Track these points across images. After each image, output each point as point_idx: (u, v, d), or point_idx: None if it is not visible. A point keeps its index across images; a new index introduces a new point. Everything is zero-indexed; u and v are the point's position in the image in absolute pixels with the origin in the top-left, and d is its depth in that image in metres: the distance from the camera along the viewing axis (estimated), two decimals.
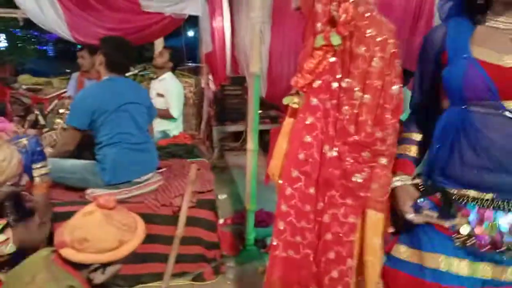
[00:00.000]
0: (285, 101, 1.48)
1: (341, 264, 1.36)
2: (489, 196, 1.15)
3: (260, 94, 4.64)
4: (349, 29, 1.32)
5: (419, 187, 1.29)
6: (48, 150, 2.66)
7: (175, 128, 3.79)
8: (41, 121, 3.07)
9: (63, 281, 1.24)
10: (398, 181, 1.34)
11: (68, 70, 6.48)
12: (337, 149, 1.35)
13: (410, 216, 1.26)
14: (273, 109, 5.49)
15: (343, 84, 1.33)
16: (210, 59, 5.47)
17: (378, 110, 1.30)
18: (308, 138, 1.38)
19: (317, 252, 1.40)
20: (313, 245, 1.40)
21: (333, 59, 1.36)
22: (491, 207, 1.15)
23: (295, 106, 1.45)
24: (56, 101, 5.93)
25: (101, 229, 1.25)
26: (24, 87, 5.98)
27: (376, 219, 1.36)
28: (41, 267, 1.26)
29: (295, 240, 1.41)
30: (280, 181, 1.51)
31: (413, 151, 1.37)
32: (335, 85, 1.35)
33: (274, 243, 1.44)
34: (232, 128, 5.21)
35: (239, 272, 2.68)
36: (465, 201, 1.18)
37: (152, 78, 5.12)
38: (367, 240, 1.37)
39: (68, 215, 2.28)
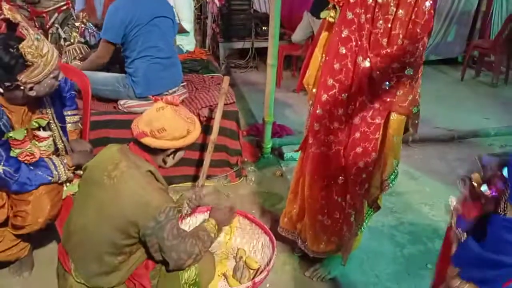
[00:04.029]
0: (322, 15, 1.63)
1: (367, 157, 1.63)
2: None
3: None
4: None
5: None
6: (76, 63, 2.80)
7: (188, 44, 3.85)
8: (62, 34, 3.12)
9: (142, 166, 1.48)
10: None
11: None
12: (369, 60, 1.53)
13: None
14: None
15: (379, 0, 1.47)
16: None
17: (410, 24, 1.45)
18: (343, 50, 1.56)
19: (346, 148, 1.66)
20: (343, 143, 1.66)
21: None
22: None
23: (331, 20, 1.60)
24: (56, 15, 5.81)
25: (174, 120, 1.47)
26: None
27: (398, 120, 1.61)
28: (120, 157, 1.48)
29: (329, 139, 1.66)
30: (314, 90, 1.71)
31: None
32: (370, 0, 1.49)
33: (310, 141, 1.69)
34: (239, 45, 5.23)
35: (259, 175, 3.01)
36: None
37: None
38: (389, 137, 1.63)
39: (104, 123, 2.54)
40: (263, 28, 5.16)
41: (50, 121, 1.85)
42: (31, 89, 1.61)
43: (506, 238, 0.83)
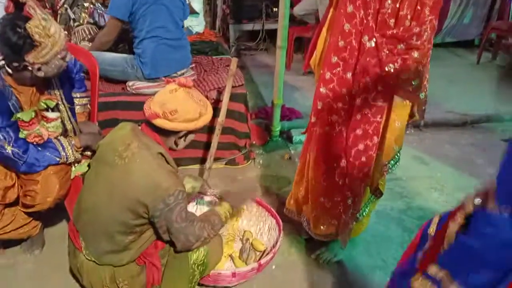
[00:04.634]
0: None
1: (367, 140, 1.59)
2: None
3: None
4: None
5: None
6: (84, 44, 2.80)
7: (197, 25, 3.83)
8: (71, 15, 3.12)
9: (153, 148, 1.49)
10: None
11: None
12: (375, 40, 1.48)
13: None
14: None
15: None
16: None
17: (418, 5, 1.40)
18: (348, 26, 1.51)
19: (348, 129, 1.63)
20: (347, 124, 1.63)
21: None
22: None
23: None
24: None
25: (186, 102, 1.47)
26: None
27: (400, 105, 1.57)
28: (132, 138, 1.49)
29: (332, 118, 1.63)
30: (321, 71, 1.68)
31: None
32: None
33: (313, 121, 1.66)
34: (249, 26, 5.16)
35: (267, 158, 3.01)
36: None
37: None
38: (390, 121, 1.59)
39: (113, 105, 2.55)
40: (274, 9, 5.08)
41: (59, 102, 1.87)
42: (39, 69, 1.62)
43: (483, 230, 0.82)
